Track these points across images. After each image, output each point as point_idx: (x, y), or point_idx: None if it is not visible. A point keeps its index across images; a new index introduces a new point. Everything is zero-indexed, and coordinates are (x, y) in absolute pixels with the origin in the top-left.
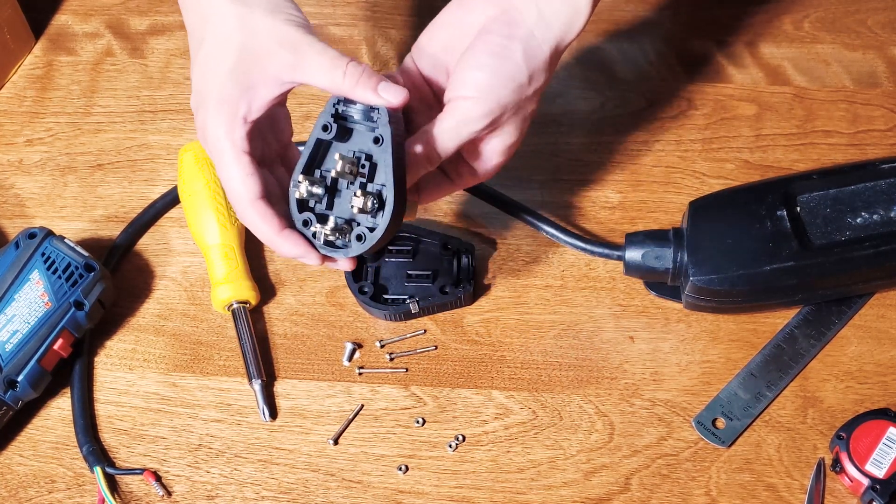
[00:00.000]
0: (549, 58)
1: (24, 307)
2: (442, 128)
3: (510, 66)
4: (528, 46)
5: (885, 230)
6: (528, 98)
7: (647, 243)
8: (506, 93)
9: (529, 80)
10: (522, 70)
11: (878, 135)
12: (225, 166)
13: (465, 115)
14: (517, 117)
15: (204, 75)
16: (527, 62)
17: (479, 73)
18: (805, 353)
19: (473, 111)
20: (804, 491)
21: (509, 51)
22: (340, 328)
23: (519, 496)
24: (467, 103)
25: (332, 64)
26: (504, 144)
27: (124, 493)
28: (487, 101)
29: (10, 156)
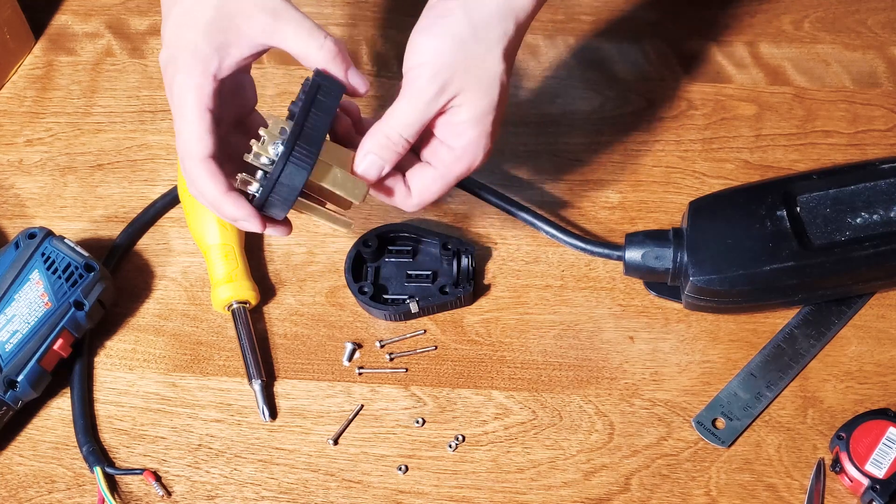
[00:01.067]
0: (495, 12)
1: (24, 307)
2: (396, 105)
3: (448, 22)
4: (468, 5)
5: (885, 230)
6: (482, 56)
7: (647, 243)
8: (448, 52)
9: (475, 37)
10: (462, 24)
11: (878, 135)
12: (185, 121)
13: (413, 84)
14: (477, 79)
15: (177, 30)
16: (467, 15)
17: (417, 37)
18: (805, 353)
19: (420, 78)
20: (804, 491)
21: (449, 13)
22: (340, 328)
23: (519, 496)
24: (412, 72)
25: (308, 34)
26: (472, 113)
27: (124, 493)
28: (432, 64)
29: (10, 156)
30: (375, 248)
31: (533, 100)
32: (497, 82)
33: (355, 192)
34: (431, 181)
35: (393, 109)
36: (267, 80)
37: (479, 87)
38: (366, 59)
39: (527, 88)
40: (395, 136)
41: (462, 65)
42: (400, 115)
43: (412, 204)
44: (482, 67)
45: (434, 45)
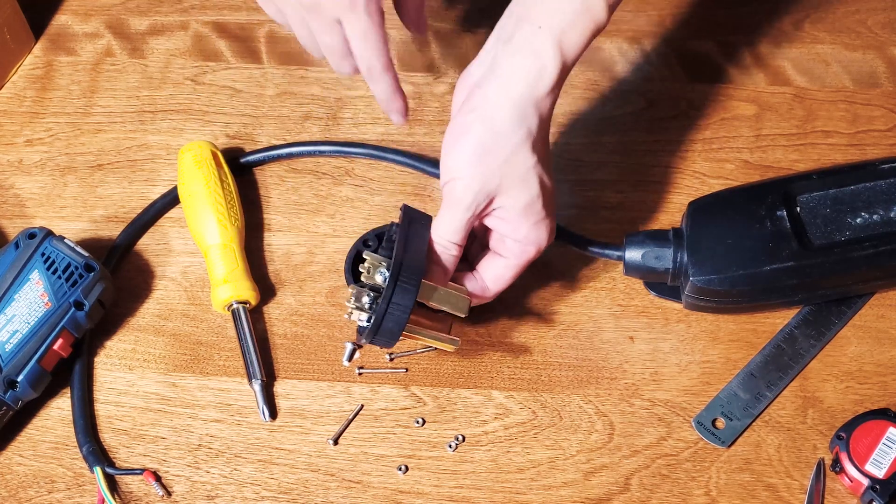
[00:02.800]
0: (515, 114)
1: (24, 307)
2: (441, 215)
3: (475, 136)
4: (486, 113)
5: (885, 230)
6: (509, 157)
7: (647, 243)
8: (477, 161)
9: (497, 142)
10: (483, 137)
11: (878, 135)
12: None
13: (454, 196)
14: (510, 178)
15: None
16: (489, 127)
17: (445, 157)
18: (805, 353)
19: (458, 189)
20: (804, 491)
21: (470, 124)
22: (340, 328)
23: (519, 496)
24: (447, 187)
25: None
26: (517, 208)
27: (124, 493)
28: (466, 174)
29: (10, 156)
30: (375, 249)
31: None
32: (533, 175)
33: (459, 306)
34: (503, 269)
35: (438, 221)
36: (267, 79)
37: (514, 184)
38: None
39: None
40: (446, 243)
41: (493, 171)
42: (443, 224)
43: (489, 294)
44: (513, 166)
45: (460, 162)
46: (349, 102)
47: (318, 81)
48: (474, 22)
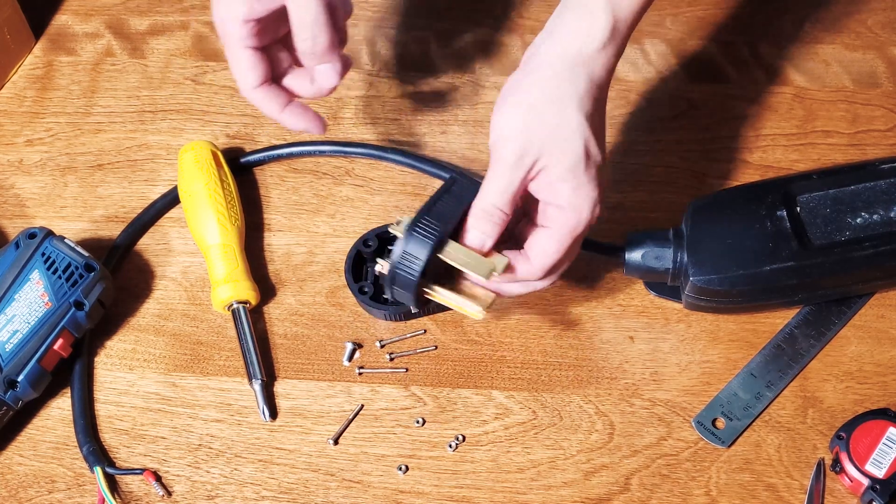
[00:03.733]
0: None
1: (25, 307)
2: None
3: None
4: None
5: (885, 230)
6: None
7: (647, 243)
8: (519, 120)
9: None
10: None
11: (878, 135)
12: (230, 55)
13: (495, 158)
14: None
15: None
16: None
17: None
18: (805, 353)
19: (499, 150)
20: (804, 491)
21: (518, 83)
22: (340, 328)
23: (519, 496)
24: (493, 148)
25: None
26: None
27: (124, 493)
28: (506, 136)
29: (10, 156)
30: (375, 248)
31: None
32: (579, 138)
33: (480, 268)
34: (546, 240)
35: (483, 184)
36: None
37: (559, 146)
38: (366, 59)
39: None
40: (490, 207)
41: (540, 131)
42: (489, 188)
43: (534, 270)
44: (558, 125)
45: (507, 120)
46: (349, 102)
47: None
48: (474, 22)
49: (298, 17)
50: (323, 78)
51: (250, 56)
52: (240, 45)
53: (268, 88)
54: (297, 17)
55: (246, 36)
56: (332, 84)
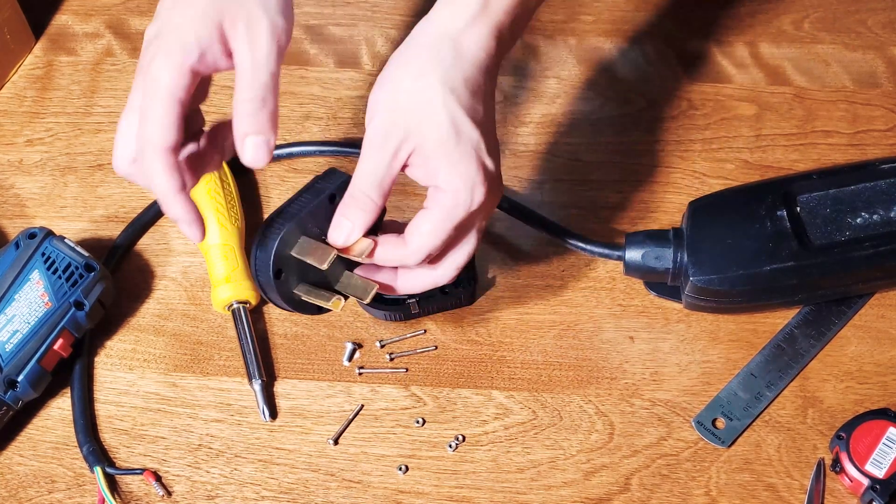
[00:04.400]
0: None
1: (24, 307)
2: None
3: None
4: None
5: (885, 230)
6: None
7: (647, 243)
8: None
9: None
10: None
11: (878, 135)
12: (154, 106)
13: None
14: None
15: (174, 7)
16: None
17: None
18: (805, 353)
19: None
20: (804, 491)
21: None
22: (340, 328)
23: (519, 496)
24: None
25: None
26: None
27: (124, 493)
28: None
29: (10, 156)
30: None
31: (533, 100)
32: (442, 109)
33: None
34: (423, 222)
35: (356, 170)
36: None
37: (424, 119)
38: (366, 59)
39: (527, 88)
40: (357, 193)
41: (401, 106)
42: (360, 172)
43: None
44: (422, 101)
45: (373, 98)
46: (349, 102)
47: (318, 81)
48: None
49: (254, 73)
50: (253, 152)
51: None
52: (172, 96)
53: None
54: (252, 73)
55: (183, 87)
56: (262, 162)
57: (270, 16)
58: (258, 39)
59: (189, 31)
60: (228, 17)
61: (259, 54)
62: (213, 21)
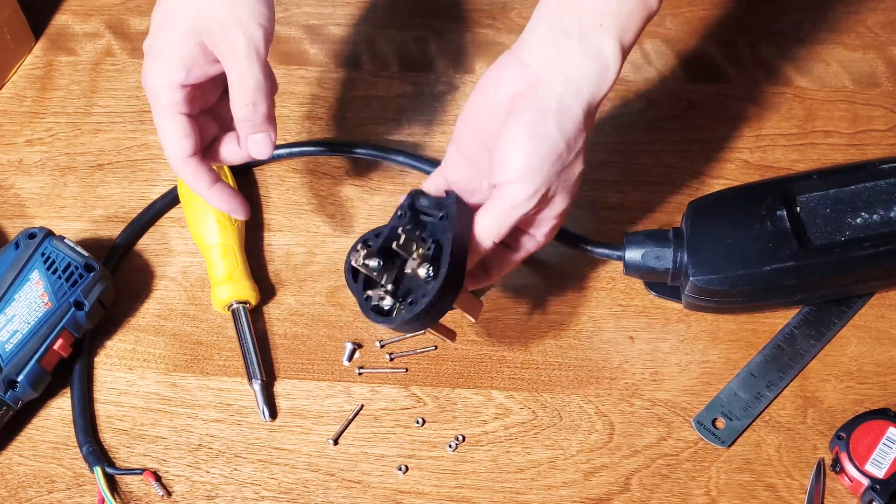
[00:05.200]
0: (584, 119)
1: (24, 307)
2: (491, 215)
3: (547, 142)
4: (560, 117)
5: (885, 230)
6: (571, 164)
7: (647, 243)
8: (547, 168)
9: (568, 148)
10: (559, 142)
11: (878, 135)
12: (162, 123)
13: (511, 200)
14: (565, 185)
15: (161, 25)
16: (562, 132)
17: (517, 154)
18: (805, 353)
19: (519, 195)
20: (804, 491)
21: (543, 126)
22: (340, 328)
23: (519, 496)
24: (512, 187)
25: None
26: (556, 212)
27: (124, 493)
28: (531, 181)
29: (10, 156)
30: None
31: None
32: (578, 183)
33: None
34: (511, 262)
35: (486, 216)
36: None
37: (566, 188)
38: (366, 59)
39: None
40: (486, 242)
41: (557, 178)
42: (492, 223)
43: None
44: (569, 173)
45: (531, 165)
46: (349, 102)
47: (318, 81)
48: (474, 22)
49: (241, 83)
50: (257, 147)
51: (183, 123)
52: (172, 111)
53: (199, 162)
54: (240, 83)
55: (179, 102)
56: (266, 154)
57: (244, 28)
58: (237, 54)
59: (174, 53)
60: (207, 36)
61: (241, 68)
62: (194, 41)
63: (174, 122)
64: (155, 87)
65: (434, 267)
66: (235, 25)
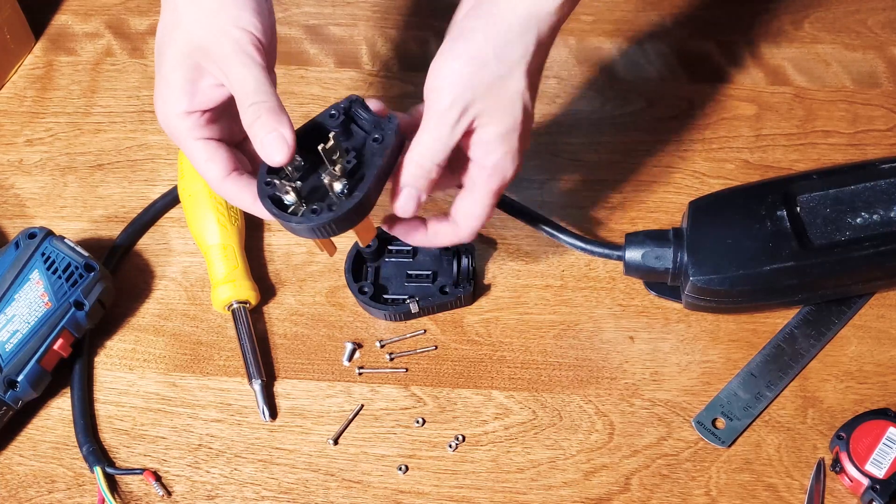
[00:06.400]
0: (518, 29)
1: (24, 307)
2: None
3: (468, 44)
4: (489, 21)
5: (885, 230)
6: (502, 76)
7: (647, 243)
8: (466, 72)
9: (495, 54)
10: (482, 45)
11: (878, 135)
12: (185, 151)
13: (434, 108)
14: (498, 99)
15: (158, 55)
16: (486, 36)
17: (438, 59)
18: (805, 353)
19: (440, 101)
20: (804, 491)
21: (468, 30)
22: (340, 328)
23: (519, 496)
24: (433, 94)
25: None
26: (496, 132)
27: (124, 493)
28: (451, 87)
29: (10, 156)
30: (375, 248)
31: None
32: (519, 100)
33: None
34: (472, 204)
35: (419, 137)
36: None
37: (501, 106)
38: (366, 59)
39: None
40: (427, 164)
41: (483, 86)
42: (426, 142)
43: (463, 234)
44: (503, 87)
45: (454, 68)
46: None
47: (318, 81)
48: None
49: (243, 98)
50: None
51: (203, 148)
52: (190, 138)
53: (237, 178)
54: (238, 86)
55: (194, 128)
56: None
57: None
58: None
59: (173, 82)
60: (200, 56)
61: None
62: (189, 65)
63: (194, 149)
64: (165, 118)
65: (350, 185)
66: (221, 35)
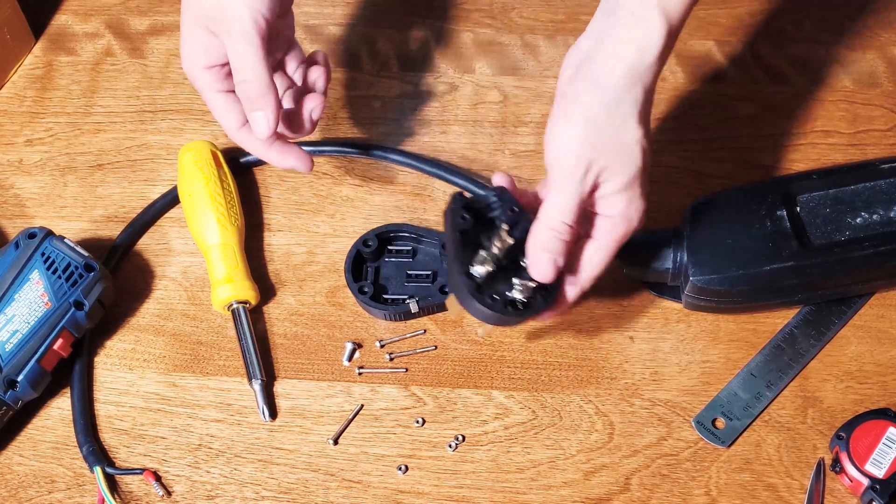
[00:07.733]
0: (624, 82)
1: (24, 307)
2: (550, 198)
3: (581, 106)
4: (595, 84)
5: (885, 230)
6: (618, 129)
7: (647, 243)
8: (583, 134)
9: (607, 111)
10: (594, 105)
11: (878, 135)
12: (206, 101)
13: (559, 173)
14: (618, 152)
15: (182, 14)
16: (598, 95)
17: (554, 126)
18: (805, 353)
19: (564, 167)
20: (804, 491)
21: (576, 93)
22: (340, 328)
23: (519, 496)
24: (557, 163)
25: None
26: (620, 183)
27: (124, 493)
28: (573, 150)
29: (10, 156)
30: (375, 248)
31: (533, 100)
32: (637, 148)
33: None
34: (595, 252)
35: (547, 203)
36: None
37: (621, 158)
38: (366, 59)
39: (527, 88)
40: (559, 226)
41: (601, 144)
42: (556, 205)
43: (585, 284)
44: (621, 140)
45: (572, 133)
46: (349, 102)
47: None
48: (474, 22)
49: (234, 62)
50: (255, 126)
51: (223, 100)
52: (210, 90)
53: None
54: (233, 62)
55: (213, 81)
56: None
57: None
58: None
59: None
60: (209, 22)
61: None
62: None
63: (213, 101)
64: (189, 71)
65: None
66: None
